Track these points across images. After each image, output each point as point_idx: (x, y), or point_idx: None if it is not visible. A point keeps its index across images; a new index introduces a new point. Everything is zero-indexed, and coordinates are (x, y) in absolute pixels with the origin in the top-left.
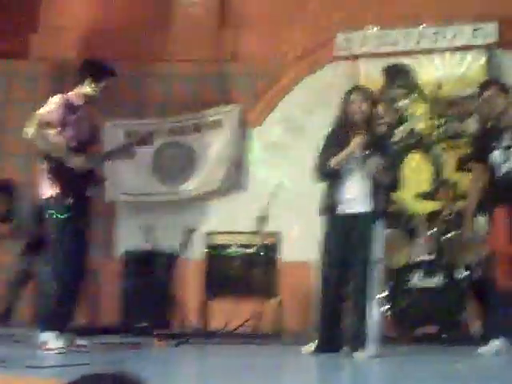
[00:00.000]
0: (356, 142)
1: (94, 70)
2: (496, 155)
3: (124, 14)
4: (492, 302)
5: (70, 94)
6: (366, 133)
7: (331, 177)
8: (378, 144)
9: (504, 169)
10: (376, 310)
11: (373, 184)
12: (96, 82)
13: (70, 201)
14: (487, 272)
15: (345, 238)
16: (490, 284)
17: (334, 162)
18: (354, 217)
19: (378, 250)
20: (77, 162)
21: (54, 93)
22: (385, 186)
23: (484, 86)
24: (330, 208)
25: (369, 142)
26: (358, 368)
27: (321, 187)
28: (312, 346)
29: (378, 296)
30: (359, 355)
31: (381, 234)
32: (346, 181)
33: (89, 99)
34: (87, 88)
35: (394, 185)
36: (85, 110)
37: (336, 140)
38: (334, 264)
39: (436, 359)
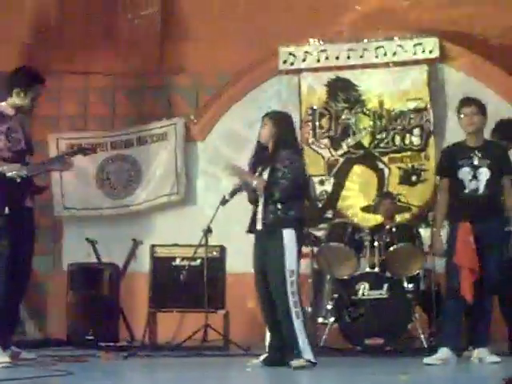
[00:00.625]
0: (258, 183)
1: (22, 79)
2: (463, 172)
3: (65, 27)
4: (446, 312)
5: (0, 104)
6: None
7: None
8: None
9: (471, 186)
10: (297, 319)
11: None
12: (24, 92)
13: (6, 211)
14: (447, 282)
15: (262, 253)
16: (448, 294)
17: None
18: (261, 232)
19: (290, 261)
20: (10, 170)
21: None
22: (277, 199)
23: (464, 103)
24: (251, 224)
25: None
26: (300, 380)
27: None
28: (260, 358)
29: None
30: (295, 363)
31: (291, 246)
32: (260, 197)
33: (20, 109)
34: (16, 98)
35: (287, 196)
36: (17, 121)
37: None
38: (259, 278)
39: (381, 370)
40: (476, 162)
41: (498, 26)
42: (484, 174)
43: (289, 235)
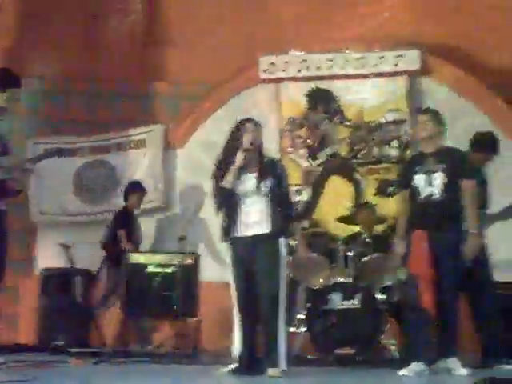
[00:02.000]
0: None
1: None
2: (418, 179)
3: (47, 30)
4: (412, 325)
5: None
6: (258, 158)
7: (227, 199)
8: (269, 168)
9: (426, 193)
10: (282, 329)
11: (271, 206)
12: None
13: None
14: (406, 294)
15: (249, 261)
16: (410, 306)
17: (226, 182)
18: (256, 238)
19: (283, 269)
20: None
21: None
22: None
23: (420, 111)
24: (227, 231)
25: (260, 168)
26: None
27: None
28: (232, 367)
29: (284, 315)
30: (271, 372)
31: (283, 253)
32: (243, 204)
33: None
34: None
35: (286, 206)
36: None
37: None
38: (243, 286)
39: (351, 381)
40: (430, 168)
41: (482, 41)
42: (439, 178)
43: (284, 243)
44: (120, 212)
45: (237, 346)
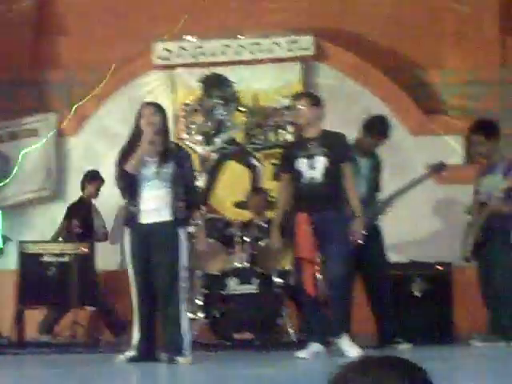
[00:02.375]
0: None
1: None
2: (301, 162)
3: None
4: (303, 306)
5: None
6: (161, 144)
7: (129, 183)
8: (172, 153)
9: (308, 176)
10: (185, 316)
11: (171, 192)
12: None
13: None
14: (294, 278)
15: (147, 248)
16: (301, 289)
17: (129, 166)
18: (156, 225)
19: (182, 258)
20: None
21: None
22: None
23: (296, 98)
24: (131, 218)
25: (162, 153)
26: (174, 375)
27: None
28: (129, 354)
29: (185, 303)
30: (182, 360)
31: (184, 242)
32: (144, 190)
33: None
34: None
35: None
36: None
37: (130, 151)
38: (141, 274)
39: (250, 364)
40: (312, 152)
41: (375, 24)
42: (320, 162)
43: (184, 233)
44: (75, 203)
45: (135, 334)
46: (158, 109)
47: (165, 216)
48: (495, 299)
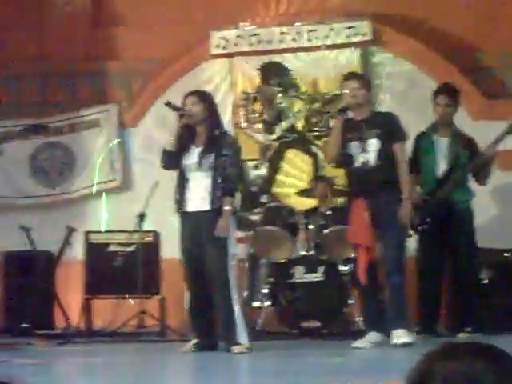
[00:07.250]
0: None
1: None
2: (353, 146)
3: None
4: (360, 295)
5: None
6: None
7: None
8: (216, 143)
9: (361, 159)
10: (237, 304)
11: (213, 182)
12: None
13: None
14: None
15: (195, 236)
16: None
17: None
18: (201, 214)
19: (229, 246)
20: None
21: None
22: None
23: (346, 78)
24: (178, 206)
25: (207, 142)
26: (237, 363)
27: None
28: (192, 343)
29: (235, 293)
30: (236, 349)
31: (233, 231)
32: (189, 179)
33: None
34: None
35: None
36: None
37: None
38: (190, 262)
39: (317, 353)
40: (363, 135)
41: (433, 7)
42: (373, 145)
43: (232, 220)
44: None
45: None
46: (200, 98)
47: (208, 205)
48: None
